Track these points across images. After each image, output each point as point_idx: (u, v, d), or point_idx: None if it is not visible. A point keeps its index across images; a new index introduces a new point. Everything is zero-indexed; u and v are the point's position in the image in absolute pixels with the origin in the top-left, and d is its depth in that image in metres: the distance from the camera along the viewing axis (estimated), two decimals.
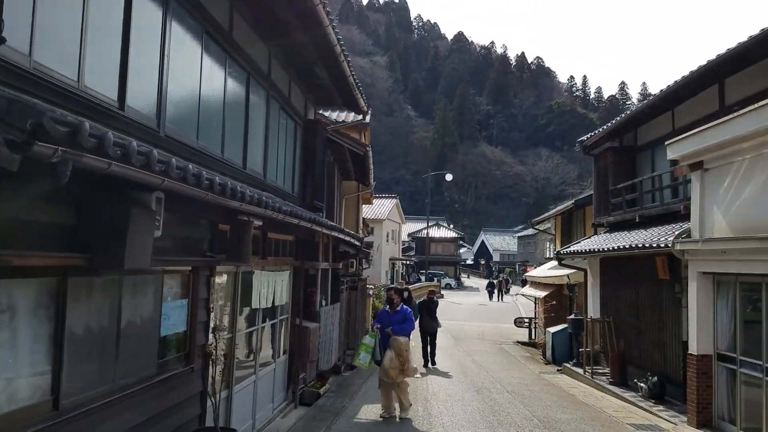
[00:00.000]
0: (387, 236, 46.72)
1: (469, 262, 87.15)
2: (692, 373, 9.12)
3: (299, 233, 9.59)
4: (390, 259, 48.59)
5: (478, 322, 28.85)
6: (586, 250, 14.20)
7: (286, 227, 7.98)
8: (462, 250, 79.95)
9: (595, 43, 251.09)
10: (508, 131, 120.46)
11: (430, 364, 14.95)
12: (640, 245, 10.83)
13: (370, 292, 21.88)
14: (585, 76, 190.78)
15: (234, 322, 7.11)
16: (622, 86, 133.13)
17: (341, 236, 10.70)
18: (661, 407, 10.45)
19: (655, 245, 10.22)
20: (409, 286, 15.83)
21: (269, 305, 8.12)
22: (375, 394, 11.02)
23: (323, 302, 12.62)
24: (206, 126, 6.80)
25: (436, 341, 15.61)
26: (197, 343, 5.94)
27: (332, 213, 14.76)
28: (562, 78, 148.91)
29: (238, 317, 7.25)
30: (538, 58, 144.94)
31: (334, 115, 16.63)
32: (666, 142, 9.76)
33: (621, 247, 11.82)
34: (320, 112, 16.48)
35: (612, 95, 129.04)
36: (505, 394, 11.56)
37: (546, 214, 25.48)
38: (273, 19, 8.23)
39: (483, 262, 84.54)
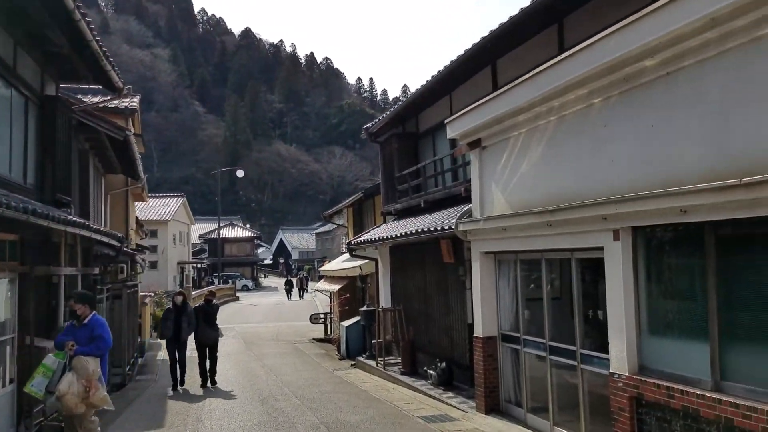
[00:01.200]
0: (174, 238, 43.52)
1: (267, 261, 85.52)
2: (478, 356, 8.91)
3: (24, 231, 7.63)
4: (179, 263, 45.37)
5: (274, 323, 27.79)
6: (374, 238, 13.82)
7: None
8: (260, 250, 78.17)
9: (379, 47, 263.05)
10: (302, 129, 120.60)
11: (209, 384, 12.35)
12: (425, 229, 10.55)
13: (147, 300, 19.64)
14: (371, 79, 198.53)
15: None
16: (405, 89, 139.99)
17: (86, 233, 8.81)
18: (450, 394, 10.23)
19: (439, 228, 9.97)
20: (185, 292, 13.68)
21: None
22: (138, 419, 9.38)
23: None
24: None
25: (217, 353, 12.90)
26: None
27: (87, 210, 12.60)
28: (351, 79, 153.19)
29: None
30: (326, 58, 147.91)
31: (95, 99, 14.32)
32: (446, 120, 9.49)
33: (407, 233, 11.50)
34: (78, 96, 14.13)
35: (396, 97, 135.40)
36: (293, 400, 10.54)
37: (338, 206, 25.13)
38: None
39: (282, 261, 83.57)
